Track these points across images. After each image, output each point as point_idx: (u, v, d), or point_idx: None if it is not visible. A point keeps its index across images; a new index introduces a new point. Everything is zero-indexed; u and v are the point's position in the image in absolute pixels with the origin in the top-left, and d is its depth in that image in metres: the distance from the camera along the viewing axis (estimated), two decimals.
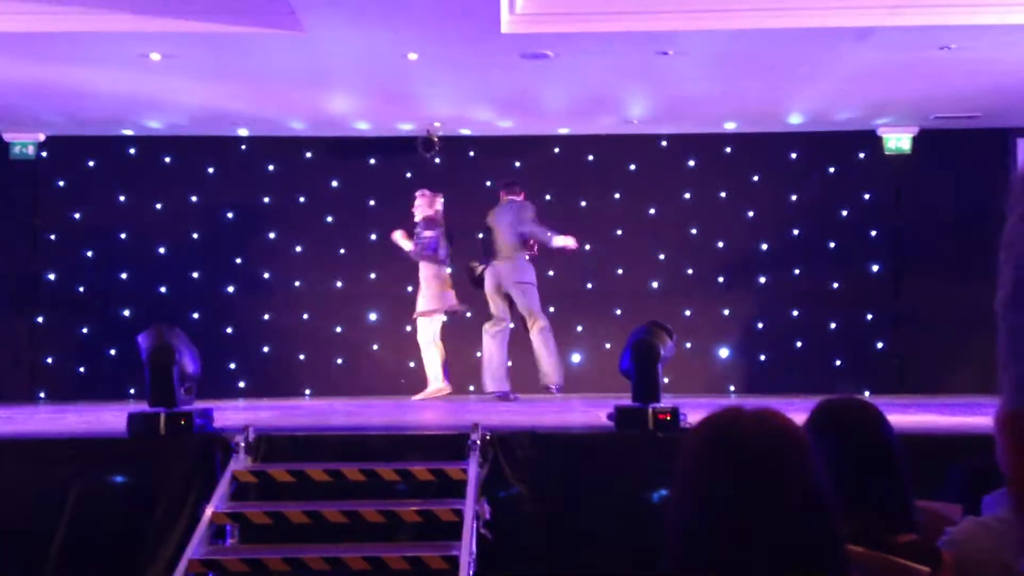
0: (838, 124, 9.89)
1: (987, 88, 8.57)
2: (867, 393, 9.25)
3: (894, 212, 10.20)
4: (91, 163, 10.28)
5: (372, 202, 10.33)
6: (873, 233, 10.22)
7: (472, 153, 10.27)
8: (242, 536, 5.05)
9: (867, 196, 10.21)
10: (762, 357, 10.19)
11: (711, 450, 1.39)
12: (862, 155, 10.22)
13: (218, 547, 4.92)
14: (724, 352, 10.26)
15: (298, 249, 10.32)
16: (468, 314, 9.09)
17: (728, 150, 10.29)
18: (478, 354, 9.67)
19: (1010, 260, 0.88)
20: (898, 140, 10.14)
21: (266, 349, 10.23)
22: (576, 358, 10.21)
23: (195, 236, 10.27)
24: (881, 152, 10.17)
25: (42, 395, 10.06)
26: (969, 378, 9.11)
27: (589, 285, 10.29)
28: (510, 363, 8.70)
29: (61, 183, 10.27)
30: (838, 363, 10.09)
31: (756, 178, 10.30)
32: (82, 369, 10.13)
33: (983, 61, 7.76)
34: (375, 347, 10.25)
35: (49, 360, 10.16)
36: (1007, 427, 0.91)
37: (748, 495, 1.33)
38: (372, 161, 10.36)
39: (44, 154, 10.20)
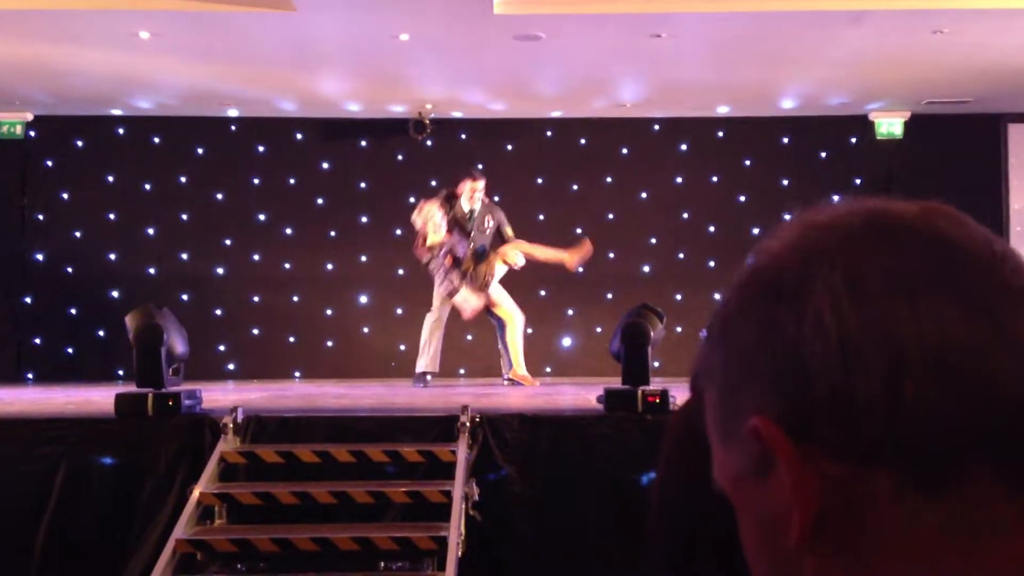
0: (830, 109, 9.87)
1: (979, 73, 8.56)
2: None
3: (885, 197, 10.18)
4: (80, 143, 10.21)
5: (363, 184, 10.29)
6: None
7: (464, 136, 10.23)
8: (230, 516, 5.04)
9: (858, 181, 10.20)
10: None
11: (694, 428, 1.38)
12: (854, 140, 10.21)
13: (206, 527, 4.91)
14: None
15: (288, 231, 10.28)
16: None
17: (720, 134, 10.27)
18: (468, 337, 9.69)
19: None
20: (890, 125, 10.12)
21: (256, 331, 10.20)
22: (567, 342, 10.21)
23: (184, 217, 10.22)
24: (873, 137, 10.16)
25: (30, 376, 10.03)
26: None
27: (580, 269, 10.25)
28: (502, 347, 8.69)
29: (49, 163, 10.21)
30: None
31: (748, 162, 10.29)
32: (70, 350, 10.10)
33: (975, 46, 7.75)
34: (365, 330, 10.23)
35: (37, 341, 10.12)
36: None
37: None
38: (363, 143, 10.30)
39: (32, 134, 10.12)
